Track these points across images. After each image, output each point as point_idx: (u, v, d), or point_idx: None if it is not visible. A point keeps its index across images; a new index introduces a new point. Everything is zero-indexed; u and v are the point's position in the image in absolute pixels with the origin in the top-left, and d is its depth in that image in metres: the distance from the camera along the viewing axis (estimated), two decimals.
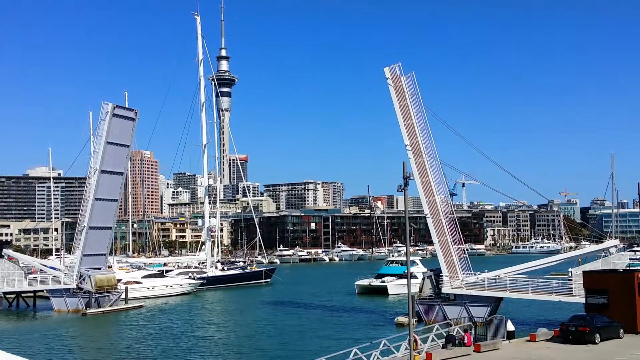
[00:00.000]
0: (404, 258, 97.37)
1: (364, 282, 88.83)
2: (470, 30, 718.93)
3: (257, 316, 66.04)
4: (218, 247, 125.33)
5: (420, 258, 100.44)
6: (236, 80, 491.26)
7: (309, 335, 52.05)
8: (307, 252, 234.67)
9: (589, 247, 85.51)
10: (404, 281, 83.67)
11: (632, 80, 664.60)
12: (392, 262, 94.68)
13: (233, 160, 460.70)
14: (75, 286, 71.61)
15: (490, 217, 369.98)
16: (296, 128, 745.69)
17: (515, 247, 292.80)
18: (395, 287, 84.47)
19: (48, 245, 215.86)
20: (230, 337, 52.58)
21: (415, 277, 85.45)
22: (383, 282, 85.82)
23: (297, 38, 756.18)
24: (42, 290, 76.93)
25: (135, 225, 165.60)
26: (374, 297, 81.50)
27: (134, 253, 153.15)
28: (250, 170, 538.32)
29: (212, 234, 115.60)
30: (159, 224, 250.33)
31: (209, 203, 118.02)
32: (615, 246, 58.65)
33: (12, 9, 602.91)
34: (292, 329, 55.72)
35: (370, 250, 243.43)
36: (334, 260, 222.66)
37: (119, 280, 79.21)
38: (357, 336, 49.67)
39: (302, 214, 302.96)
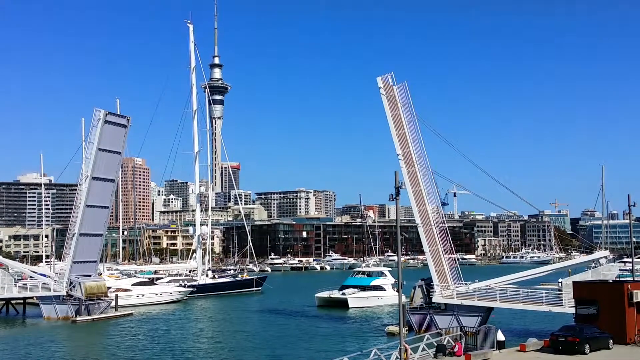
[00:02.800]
0: (371, 269, 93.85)
1: (324, 294, 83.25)
2: (463, 38, 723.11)
3: (246, 326, 65.69)
4: (209, 255, 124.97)
5: (390, 269, 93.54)
6: (229, 88, 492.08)
7: (299, 346, 51.84)
8: (299, 261, 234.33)
9: (579, 258, 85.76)
10: (367, 293, 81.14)
11: (624, 91, 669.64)
12: (358, 272, 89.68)
13: (225, 168, 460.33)
14: (65, 293, 71.17)
15: (481, 227, 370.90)
16: (288, 136, 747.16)
17: (506, 257, 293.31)
18: (357, 299, 79.85)
19: (38, 252, 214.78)
20: (217, 348, 51.98)
21: (383, 289, 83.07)
22: (343, 294, 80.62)
23: (290, 47, 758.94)
24: (32, 297, 76.45)
25: (126, 233, 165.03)
26: (334, 310, 76.62)
27: (124, 260, 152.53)
28: (242, 178, 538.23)
29: (203, 241, 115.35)
30: (150, 231, 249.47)
31: (201, 211, 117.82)
32: (605, 257, 58.99)
33: (4, 15, 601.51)
34: (282, 339, 55.50)
35: (362, 259, 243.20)
36: (326, 268, 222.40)
37: (109, 288, 78.85)
38: (348, 346, 49.64)
39: (294, 223, 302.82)
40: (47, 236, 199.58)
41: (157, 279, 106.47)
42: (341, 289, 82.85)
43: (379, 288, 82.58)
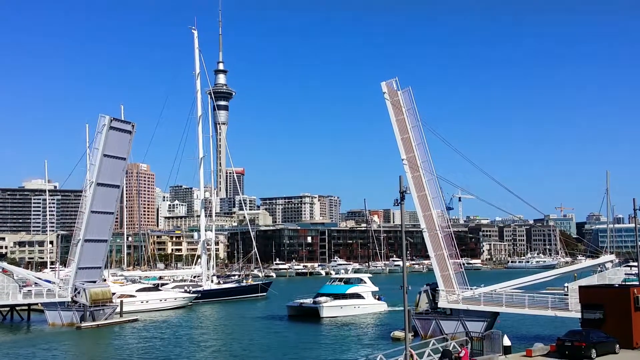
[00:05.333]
0: (349, 275, 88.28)
1: (295, 303, 78.91)
2: (467, 43, 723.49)
3: (249, 333, 65.22)
4: (214, 261, 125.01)
5: (370, 275, 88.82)
6: (233, 93, 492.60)
7: (304, 354, 51.61)
8: (304, 266, 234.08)
9: (585, 262, 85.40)
10: (342, 302, 76.33)
11: (628, 94, 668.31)
12: (335, 279, 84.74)
13: (230, 173, 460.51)
14: (70, 299, 71.17)
15: (487, 231, 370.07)
16: (293, 141, 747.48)
17: (512, 262, 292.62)
18: (329, 309, 74.63)
19: (43, 258, 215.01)
20: (220, 356, 51.39)
21: (361, 297, 78.71)
22: (314, 303, 75.86)
23: (295, 52, 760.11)
24: (37, 304, 76.42)
25: (130, 238, 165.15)
26: (306, 320, 72.47)
27: (129, 266, 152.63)
28: (247, 183, 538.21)
29: (208, 247, 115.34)
30: (155, 237, 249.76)
31: (205, 216, 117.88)
32: (611, 261, 58.74)
33: (9, 20, 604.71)
34: (286, 347, 55.32)
35: (367, 264, 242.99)
36: (331, 274, 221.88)
37: (114, 294, 78.85)
38: (353, 352, 49.47)
39: (299, 228, 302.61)
40: (51, 242, 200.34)
41: (162, 284, 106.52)
42: (316, 297, 77.93)
43: (357, 296, 78.48)
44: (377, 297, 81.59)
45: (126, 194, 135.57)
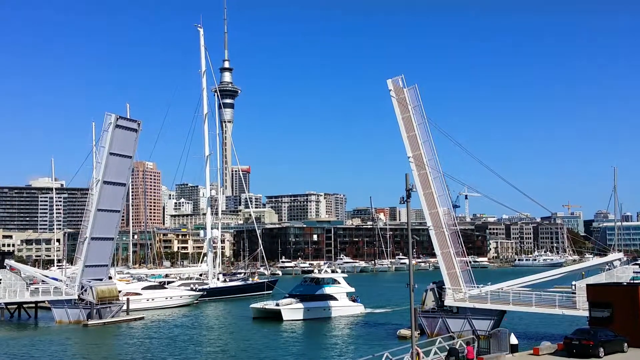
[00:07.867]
0: (323, 275, 79.77)
1: (259, 305, 75.17)
2: (473, 41, 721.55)
3: (254, 331, 64.86)
4: (220, 259, 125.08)
5: (345, 275, 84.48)
6: (239, 91, 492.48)
7: (309, 353, 51.55)
8: (310, 264, 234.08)
9: (592, 260, 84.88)
10: (309, 304, 71.98)
11: (635, 91, 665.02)
12: (307, 280, 79.17)
13: (235, 171, 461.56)
14: (76, 297, 71.40)
15: (493, 229, 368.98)
16: (299, 139, 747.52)
17: (519, 260, 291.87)
18: (292, 311, 70.73)
19: (50, 256, 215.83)
20: (222, 355, 50.88)
21: (334, 298, 74.11)
22: (277, 305, 71.98)
23: (300, 50, 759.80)
24: (44, 301, 76.67)
25: (136, 236, 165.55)
26: (269, 323, 69.19)
27: (135, 264, 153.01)
28: (253, 181, 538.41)
29: (214, 245, 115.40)
30: (161, 235, 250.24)
31: (211, 214, 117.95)
32: (619, 259, 58.31)
33: (15, 19, 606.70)
34: (291, 345, 55.26)
35: (373, 262, 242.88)
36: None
37: (120, 292, 78.97)
38: (359, 350, 49.32)
39: (305, 226, 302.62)
40: (58, 240, 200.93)
41: (168, 282, 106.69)
42: (284, 298, 74.23)
43: (328, 297, 73.91)
44: (352, 298, 78.44)
45: (132, 192, 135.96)
